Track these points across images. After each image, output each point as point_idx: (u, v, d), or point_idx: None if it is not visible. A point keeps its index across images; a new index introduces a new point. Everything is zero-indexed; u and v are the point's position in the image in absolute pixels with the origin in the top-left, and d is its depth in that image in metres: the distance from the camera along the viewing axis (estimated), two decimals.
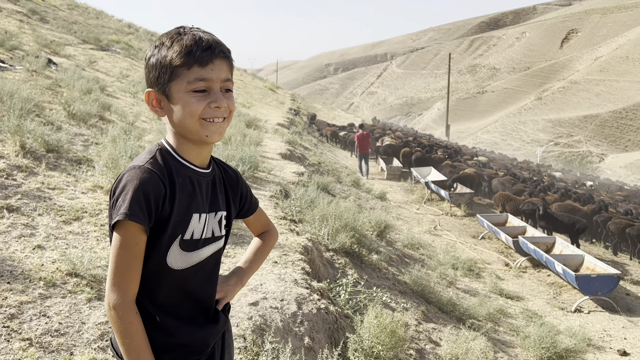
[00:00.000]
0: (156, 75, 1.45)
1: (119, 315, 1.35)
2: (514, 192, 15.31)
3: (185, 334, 1.49)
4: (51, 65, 10.85)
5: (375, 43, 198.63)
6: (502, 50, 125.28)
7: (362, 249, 6.72)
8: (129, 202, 1.34)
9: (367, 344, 3.78)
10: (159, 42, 1.45)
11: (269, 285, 3.98)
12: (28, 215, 3.99)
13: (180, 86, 1.42)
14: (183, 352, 1.49)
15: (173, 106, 1.45)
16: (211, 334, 1.57)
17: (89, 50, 16.45)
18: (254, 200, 1.83)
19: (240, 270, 1.80)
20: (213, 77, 1.43)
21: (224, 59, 1.46)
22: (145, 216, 1.36)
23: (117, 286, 1.36)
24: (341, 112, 51.93)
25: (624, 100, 71.91)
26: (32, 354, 2.47)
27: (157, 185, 1.38)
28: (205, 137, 1.46)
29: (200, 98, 1.43)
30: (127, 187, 1.36)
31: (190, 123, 1.44)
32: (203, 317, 1.56)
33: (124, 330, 1.35)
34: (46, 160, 5.31)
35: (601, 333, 7.19)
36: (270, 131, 15.38)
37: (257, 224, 1.88)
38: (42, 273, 3.20)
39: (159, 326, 1.45)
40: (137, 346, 1.37)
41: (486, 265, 9.80)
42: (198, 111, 1.43)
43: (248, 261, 1.83)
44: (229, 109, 1.49)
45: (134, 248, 1.37)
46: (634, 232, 12.09)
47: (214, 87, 1.44)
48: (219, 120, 1.46)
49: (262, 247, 1.88)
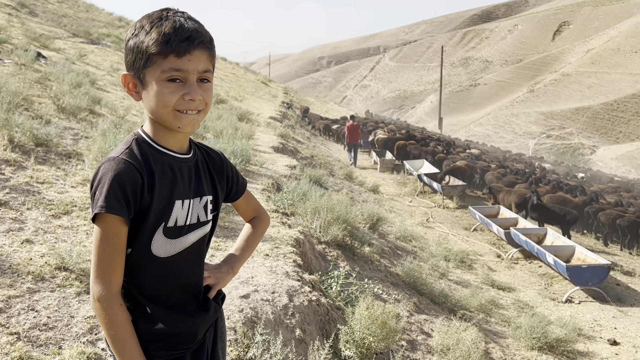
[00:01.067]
0: (132, 59, 1.42)
1: (103, 307, 1.35)
2: (506, 184, 15.36)
3: (175, 323, 1.48)
4: (40, 59, 10.74)
5: (368, 36, 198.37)
6: (495, 42, 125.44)
7: (354, 242, 6.72)
8: (106, 195, 1.33)
9: (358, 335, 3.79)
10: (139, 25, 1.41)
11: (260, 278, 3.97)
12: (17, 210, 3.96)
13: (154, 74, 1.39)
14: (173, 342, 1.48)
15: (146, 93, 1.42)
16: (201, 322, 1.55)
17: (79, 44, 16.30)
18: (242, 181, 1.79)
19: (232, 258, 1.78)
20: (189, 68, 1.39)
21: (203, 49, 1.42)
22: (123, 207, 1.34)
23: (100, 278, 1.35)
24: (334, 106, 51.88)
25: (616, 92, 72.28)
26: (20, 348, 2.45)
27: (133, 176, 1.37)
28: (177, 129, 1.44)
29: (175, 89, 1.39)
30: (103, 179, 1.35)
31: (163, 113, 1.41)
32: (193, 305, 1.55)
33: (109, 322, 1.35)
34: (35, 154, 5.26)
35: (592, 323, 7.25)
36: (262, 124, 15.33)
37: (246, 208, 1.85)
38: (31, 267, 3.18)
39: (149, 316, 1.45)
40: (122, 337, 1.37)
41: (478, 257, 9.85)
42: (171, 102, 1.39)
43: (239, 249, 1.81)
44: (204, 101, 1.45)
45: (115, 240, 1.36)
46: (625, 223, 12.18)
47: (190, 79, 1.40)
48: (192, 113, 1.43)
49: (253, 233, 1.86)
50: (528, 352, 5.79)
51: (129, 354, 1.38)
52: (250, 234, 1.85)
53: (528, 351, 5.82)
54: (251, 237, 1.84)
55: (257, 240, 1.87)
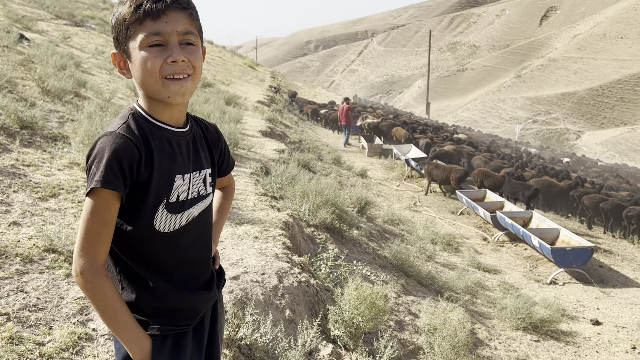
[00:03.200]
0: (116, 34, 1.41)
1: (88, 280, 1.34)
2: (493, 168, 15.49)
3: (177, 298, 1.49)
4: (23, 41, 10.53)
5: (356, 20, 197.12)
6: (482, 27, 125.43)
7: (342, 225, 6.76)
8: (103, 170, 1.32)
9: (347, 315, 3.83)
10: (119, 1, 1.40)
11: (250, 260, 3.99)
12: (3, 192, 3.92)
13: (136, 44, 1.37)
14: (173, 317, 1.49)
15: (133, 66, 1.41)
16: (202, 300, 1.56)
17: (62, 26, 16.00)
18: (232, 160, 1.81)
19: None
20: (168, 29, 1.36)
21: (180, 9, 1.39)
22: (120, 183, 1.34)
23: (85, 251, 1.35)
24: (322, 90, 51.70)
25: (601, 77, 72.88)
26: (10, 328, 2.45)
27: (130, 151, 1.36)
28: (167, 99, 1.41)
29: (157, 53, 1.37)
30: (100, 154, 1.34)
31: (151, 82, 1.39)
32: (197, 282, 1.55)
33: (97, 294, 1.35)
34: (20, 136, 5.20)
35: (575, 304, 7.40)
36: (250, 109, 15.24)
37: (223, 180, 1.85)
38: (19, 249, 3.16)
39: (151, 290, 1.45)
40: (112, 307, 1.37)
41: (465, 240, 9.96)
42: (156, 68, 1.37)
43: (214, 221, 1.79)
44: (192, 65, 1.41)
45: (105, 214, 1.35)
46: (607, 207, 12.39)
47: (170, 41, 1.38)
48: (180, 77, 1.39)
49: (226, 202, 1.89)
50: (513, 332, 5.90)
51: (122, 322, 1.39)
52: (223, 202, 1.88)
53: (513, 331, 5.93)
54: (224, 205, 1.88)
55: (229, 208, 1.91)
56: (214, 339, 1.66)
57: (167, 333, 1.47)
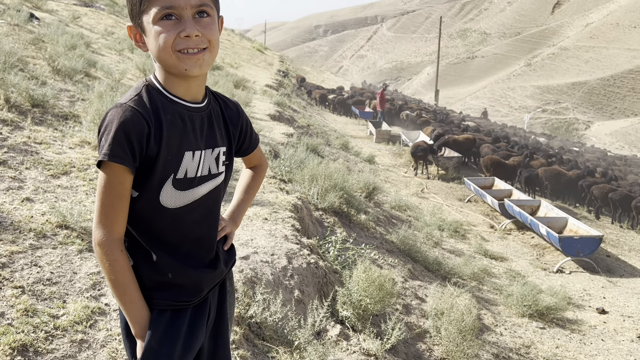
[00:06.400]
0: (130, 7, 1.40)
1: (104, 251, 1.36)
2: (502, 156, 15.40)
3: (179, 274, 1.47)
4: (33, 20, 10.52)
5: (366, 5, 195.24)
6: (494, 14, 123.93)
7: (350, 209, 6.78)
8: (110, 143, 1.31)
9: (355, 297, 3.86)
10: None
11: (260, 241, 4.01)
12: (15, 169, 3.95)
13: (149, 17, 1.35)
14: (174, 293, 1.47)
15: (147, 39, 1.39)
16: (205, 278, 1.52)
17: (72, 6, 15.97)
18: (255, 136, 1.76)
19: (234, 210, 1.78)
20: (181, 3, 1.33)
21: None
22: (128, 156, 1.33)
23: (102, 224, 1.36)
24: (330, 75, 51.46)
25: (613, 67, 71.95)
26: (25, 300, 2.48)
27: (139, 124, 1.34)
28: (184, 71, 1.38)
29: (170, 27, 1.34)
30: (109, 126, 1.33)
31: (165, 56, 1.37)
32: (201, 259, 1.53)
33: (110, 266, 1.36)
34: (32, 115, 5.22)
35: (581, 292, 7.40)
36: (258, 92, 15.21)
37: (252, 158, 1.81)
38: (32, 225, 3.19)
39: (154, 264, 1.45)
40: (122, 282, 1.38)
41: (472, 227, 9.96)
42: (169, 42, 1.35)
43: (240, 200, 1.79)
44: (206, 38, 1.38)
45: (118, 187, 1.35)
46: (616, 197, 12.32)
47: (184, 14, 1.35)
48: (194, 52, 1.37)
49: (254, 181, 1.84)
50: (519, 319, 5.92)
51: (129, 299, 1.40)
52: (250, 183, 1.83)
53: (519, 318, 5.95)
54: (251, 185, 1.83)
55: (257, 189, 1.86)
56: (223, 316, 1.64)
57: (164, 308, 1.46)
